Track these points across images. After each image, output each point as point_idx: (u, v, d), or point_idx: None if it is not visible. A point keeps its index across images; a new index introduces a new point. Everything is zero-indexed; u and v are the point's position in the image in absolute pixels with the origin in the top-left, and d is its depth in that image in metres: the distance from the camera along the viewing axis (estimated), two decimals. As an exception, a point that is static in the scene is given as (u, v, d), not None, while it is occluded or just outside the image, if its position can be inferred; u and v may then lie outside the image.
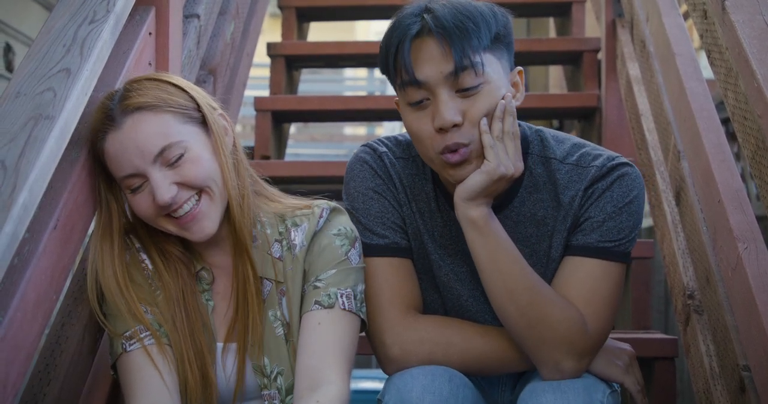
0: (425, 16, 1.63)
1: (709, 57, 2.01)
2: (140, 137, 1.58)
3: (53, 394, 1.53)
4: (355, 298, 1.64)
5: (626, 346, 1.81)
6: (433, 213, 1.76)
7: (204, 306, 1.67)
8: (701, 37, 2.07)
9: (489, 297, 1.68)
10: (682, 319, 2.28)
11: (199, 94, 1.67)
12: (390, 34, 1.67)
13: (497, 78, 1.64)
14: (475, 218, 1.65)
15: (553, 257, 1.72)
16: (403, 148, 1.78)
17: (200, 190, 1.62)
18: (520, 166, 1.65)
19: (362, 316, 1.66)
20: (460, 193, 1.65)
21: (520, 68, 1.71)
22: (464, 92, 1.62)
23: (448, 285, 1.77)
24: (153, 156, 1.58)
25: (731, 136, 3.25)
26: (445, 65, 1.61)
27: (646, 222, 4.44)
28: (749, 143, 1.72)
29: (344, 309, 1.63)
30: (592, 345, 1.66)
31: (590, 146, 1.74)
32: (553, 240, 1.72)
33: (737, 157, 3.75)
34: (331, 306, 1.62)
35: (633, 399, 1.78)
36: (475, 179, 1.63)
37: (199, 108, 1.64)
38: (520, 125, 1.75)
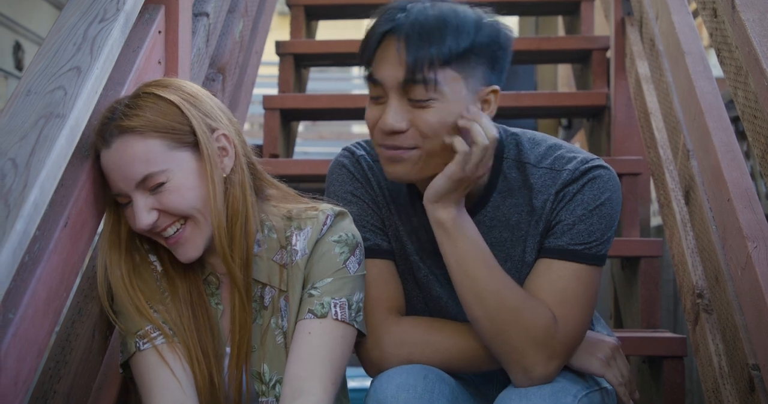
0: (399, 15, 1.61)
1: (718, 55, 2.01)
2: (124, 162, 1.57)
3: (64, 391, 1.54)
4: (349, 308, 1.63)
5: (610, 339, 1.77)
6: (411, 214, 1.75)
7: (214, 310, 1.67)
8: (711, 35, 2.07)
9: (460, 300, 1.67)
10: (691, 318, 2.28)
11: (199, 112, 1.62)
12: (370, 25, 1.65)
13: (455, 97, 1.60)
14: (443, 220, 1.63)
15: (528, 262, 1.71)
16: None
17: (185, 217, 1.60)
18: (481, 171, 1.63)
19: (356, 326, 1.64)
20: (427, 195, 1.64)
21: (496, 87, 1.64)
22: (414, 102, 1.60)
23: (428, 286, 1.76)
24: (135, 182, 1.57)
25: (741, 135, 3.24)
26: (399, 72, 1.59)
27: (656, 221, 4.43)
28: (759, 142, 1.72)
29: (336, 319, 1.61)
30: (562, 349, 1.63)
31: (566, 148, 1.71)
32: (527, 244, 1.71)
33: (747, 155, 3.74)
34: (323, 316, 1.61)
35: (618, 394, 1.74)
36: (438, 182, 1.61)
37: (193, 131, 1.60)
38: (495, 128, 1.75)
